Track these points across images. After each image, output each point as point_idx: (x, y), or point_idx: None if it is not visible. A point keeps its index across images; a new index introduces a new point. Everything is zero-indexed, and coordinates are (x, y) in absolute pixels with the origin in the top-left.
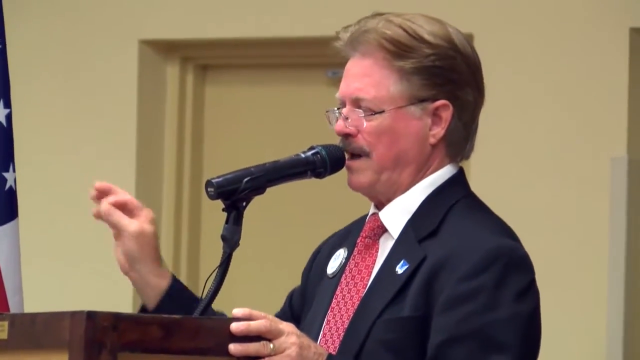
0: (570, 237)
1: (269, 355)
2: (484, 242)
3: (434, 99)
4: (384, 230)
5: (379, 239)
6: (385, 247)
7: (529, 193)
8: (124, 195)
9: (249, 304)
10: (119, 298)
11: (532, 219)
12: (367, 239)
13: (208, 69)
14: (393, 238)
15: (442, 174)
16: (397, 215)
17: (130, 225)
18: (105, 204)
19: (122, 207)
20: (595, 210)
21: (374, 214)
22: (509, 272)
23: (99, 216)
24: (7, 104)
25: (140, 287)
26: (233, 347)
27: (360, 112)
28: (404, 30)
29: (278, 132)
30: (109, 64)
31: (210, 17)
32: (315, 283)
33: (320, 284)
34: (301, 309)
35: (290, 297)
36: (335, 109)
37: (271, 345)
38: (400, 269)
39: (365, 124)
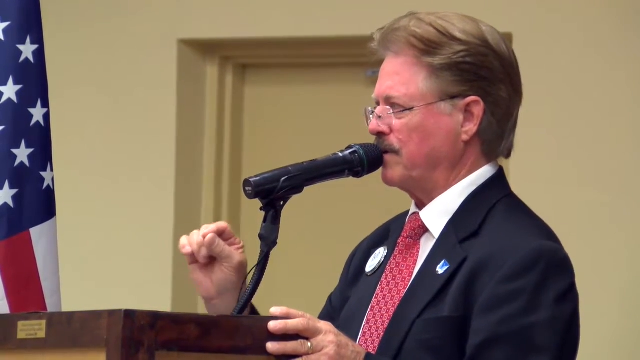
0: (612, 242)
1: (307, 354)
2: (526, 244)
3: (465, 95)
4: (425, 230)
5: (420, 239)
6: (426, 247)
7: (569, 197)
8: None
9: (287, 302)
10: (157, 297)
11: (574, 224)
12: (408, 239)
13: (247, 69)
14: (434, 238)
15: (482, 174)
16: (438, 215)
17: (236, 256)
18: (210, 234)
19: (220, 234)
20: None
21: (414, 213)
22: (550, 274)
23: (187, 249)
24: (45, 104)
25: (223, 313)
26: (271, 346)
27: (391, 110)
28: (434, 28)
29: (316, 132)
30: (148, 63)
31: (249, 17)
32: (353, 283)
33: (357, 283)
34: (342, 308)
35: (330, 299)
36: (371, 108)
37: (309, 344)
38: (441, 269)
39: (395, 121)
